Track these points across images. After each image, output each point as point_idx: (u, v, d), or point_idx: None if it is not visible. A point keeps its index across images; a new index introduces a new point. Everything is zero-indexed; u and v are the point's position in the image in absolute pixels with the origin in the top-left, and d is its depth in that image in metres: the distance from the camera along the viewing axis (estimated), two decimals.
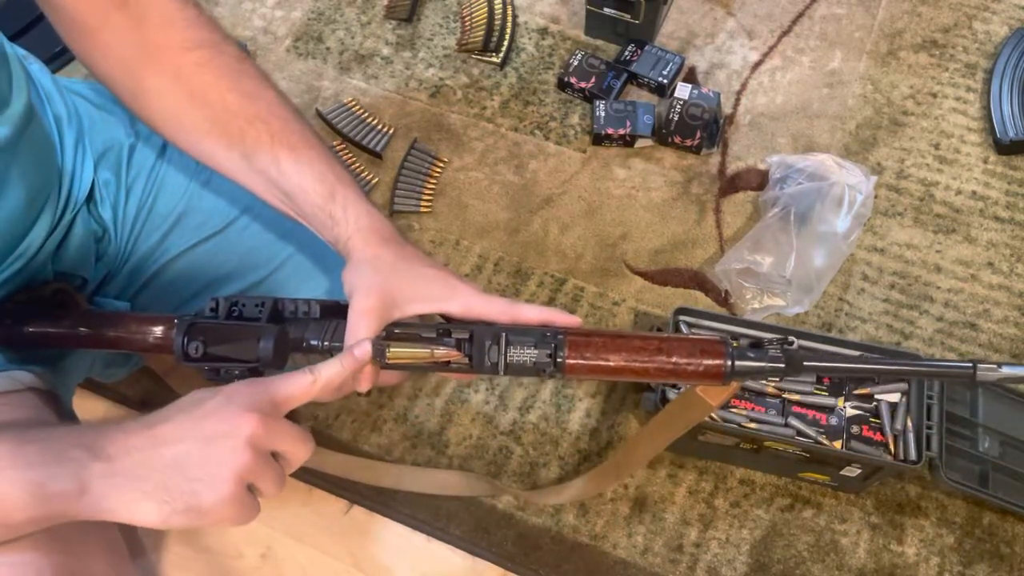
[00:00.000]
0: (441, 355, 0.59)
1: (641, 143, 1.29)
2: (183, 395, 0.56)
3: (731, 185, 1.26)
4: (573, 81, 1.32)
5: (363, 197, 0.65)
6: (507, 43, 1.37)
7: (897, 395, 0.96)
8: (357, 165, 1.27)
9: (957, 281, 1.17)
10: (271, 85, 0.68)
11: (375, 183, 1.26)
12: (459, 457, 1.05)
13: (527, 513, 1.01)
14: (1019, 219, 1.22)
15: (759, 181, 1.25)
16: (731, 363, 0.58)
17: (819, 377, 0.97)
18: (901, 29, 1.40)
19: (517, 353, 0.59)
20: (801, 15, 1.42)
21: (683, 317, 1.00)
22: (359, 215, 0.63)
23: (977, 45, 1.37)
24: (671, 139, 1.27)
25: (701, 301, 1.16)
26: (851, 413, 0.96)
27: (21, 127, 0.62)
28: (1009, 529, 1.01)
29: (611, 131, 1.27)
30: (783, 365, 0.58)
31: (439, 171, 1.26)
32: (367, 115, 1.31)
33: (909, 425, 0.93)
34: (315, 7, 1.43)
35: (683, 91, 1.25)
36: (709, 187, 1.25)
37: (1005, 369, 0.57)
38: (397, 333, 0.60)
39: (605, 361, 0.59)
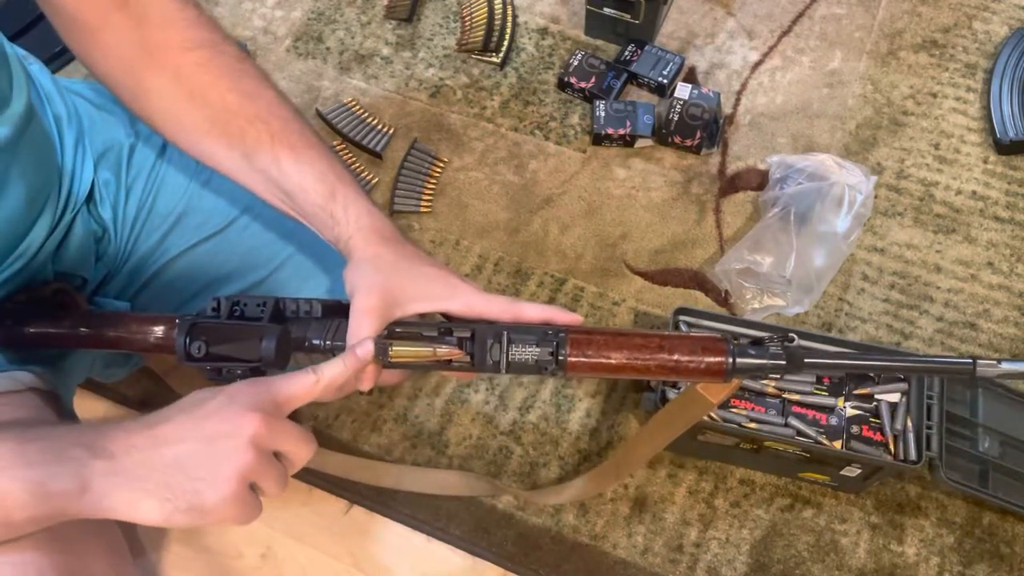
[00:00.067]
0: (443, 353, 0.59)
1: (641, 143, 1.29)
2: (183, 395, 0.56)
3: (731, 185, 1.26)
4: (573, 81, 1.32)
5: (364, 196, 0.65)
6: (507, 43, 1.37)
7: (897, 395, 0.96)
8: (357, 165, 1.27)
9: (957, 281, 1.17)
10: (271, 85, 0.68)
11: (375, 183, 1.26)
12: (459, 457, 1.05)
13: (527, 513, 1.01)
14: (1019, 219, 1.22)
15: (759, 181, 1.25)
16: (732, 360, 0.59)
17: (819, 377, 0.97)
18: (901, 29, 1.40)
19: (519, 351, 0.58)
20: (801, 15, 1.42)
21: (683, 317, 1.00)
22: (360, 214, 0.63)
23: (977, 45, 1.37)
24: (671, 139, 1.27)
25: (701, 301, 1.16)
26: (851, 413, 0.96)
27: (21, 127, 0.62)
28: (1009, 529, 1.01)
29: (611, 131, 1.27)
30: (784, 362, 0.58)
31: (439, 171, 1.26)
32: (367, 115, 1.31)
33: (909, 425, 0.93)
34: (315, 7, 1.43)
35: (683, 91, 1.25)
36: (709, 187, 1.26)
37: (1005, 365, 0.57)
38: (399, 332, 0.60)
39: (607, 359, 0.59)
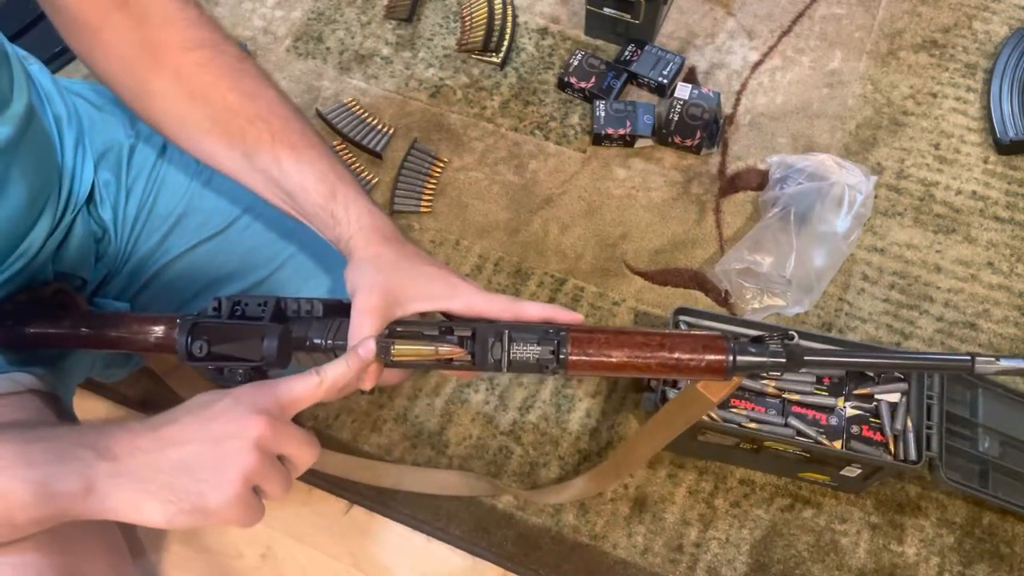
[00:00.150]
0: (445, 352, 0.59)
1: (641, 143, 1.29)
2: (183, 395, 0.56)
3: (731, 185, 1.26)
4: (573, 81, 1.32)
5: (364, 196, 0.65)
6: (507, 43, 1.37)
7: (897, 395, 0.96)
8: (357, 165, 1.27)
9: (957, 281, 1.17)
10: (272, 84, 0.68)
11: (375, 183, 1.26)
12: (459, 457, 1.05)
13: (527, 513, 1.01)
14: (1019, 219, 1.22)
15: (759, 181, 1.25)
16: (733, 358, 0.59)
17: (819, 377, 0.97)
18: (901, 29, 1.40)
19: (520, 350, 0.59)
20: (801, 15, 1.42)
21: (683, 317, 1.00)
22: (360, 214, 0.63)
23: (977, 45, 1.37)
24: (671, 139, 1.27)
25: (701, 301, 1.16)
26: (851, 413, 0.96)
27: (22, 127, 0.62)
28: (1009, 529, 1.01)
29: (611, 131, 1.27)
30: (784, 359, 0.58)
31: (439, 171, 1.26)
32: (367, 115, 1.31)
33: (909, 425, 0.93)
34: (315, 7, 1.43)
35: (683, 91, 1.25)
36: (709, 187, 1.26)
37: (1003, 362, 0.57)
38: (400, 331, 0.60)
39: (608, 357, 0.59)
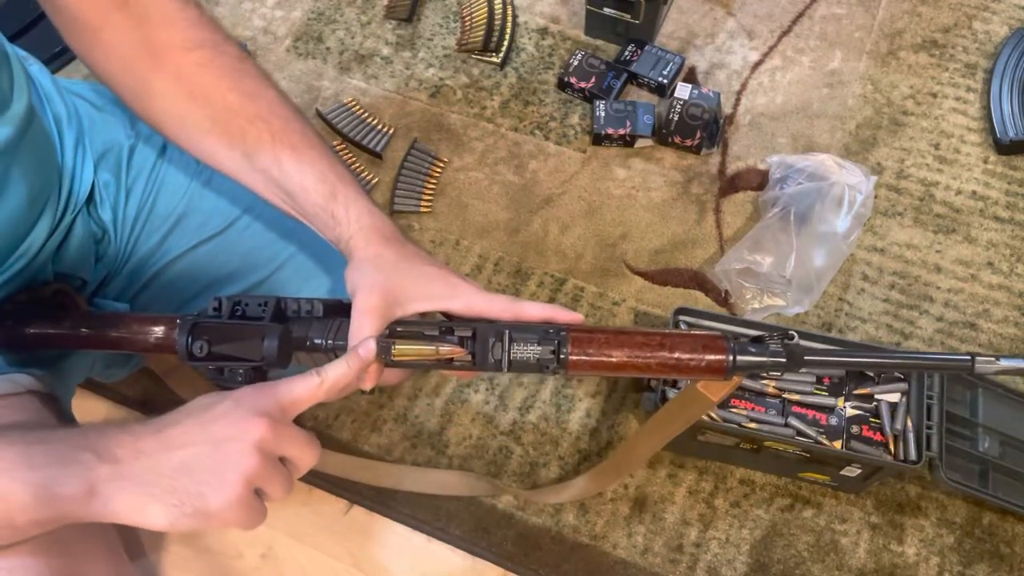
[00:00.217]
0: (445, 352, 0.59)
1: (641, 143, 1.29)
2: (183, 396, 0.56)
3: (731, 185, 1.26)
4: (573, 81, 1.32)
5: (364, 196, 0.65)
6: (507, 43, 1.37)
7: (897, 395, 0.96)
8: (357, 165, 1.27)
9: (957, 281, 1.17)
10: (272, 85, 0.68)
11: (375, 183, 1.26)
12: (459, 457, 1.05)
13: (527, 513, 1.01)
14: (1019, 219, 1.22)
15: (759, 181, 1.25)
16: (733, 357, 0.59)
17: (819, 377, 0.97)
18: (901, 29, 1.40)
19: (520, 350, 0.59)
20: (801, 15, 1.42)
21: (683, 317, 1.00)
22: (360, 214, 0.63)
23: (977, 45, 1.37)
24: (671, 139, 1.27)
25: (701, 301, 1.16)
26: (851, 413, 0.96)
27: (23, 128, 0.62)
28: (1009, 529, 1.01)
29: (611, 131, 1.27)
30: (784, 359, 0.58)
31: (439, 171, 1.26)
32: (367, 115, 1.31)
33: (909, 425, 0.93)
34: (315, 7, 1.43)
35: (683, 91, 1.25)
36: (709, 187, 1.26)
37: (1003, 362, 0.57)
38: (400, 331, 0.60)
39: (608, 357, 0.59)
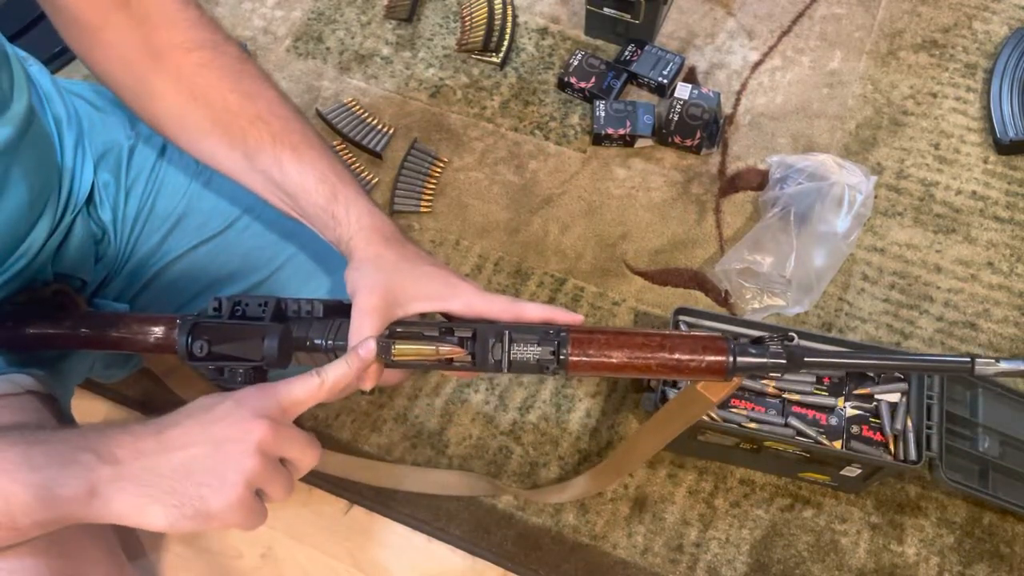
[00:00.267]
0: (445, 352, 0.59)
1: (641, 143, 1.29)
2: (183, 396, 0.56)
3: (731, 185, 1.26)
4: (573, 81, 1.32)
5: (364, 196, 0.65)
6: (507, 43, 1.37)
7: (897, 395, 0.96)
8: (357, 165, 1.27)
9: (957, 281, 1.17)
10: (272, 85, 0.68)
11: (375, 183, 1.26)
12: (459, 457, 1.05)
13: (527, 513, 1.01)
14: (1019, 219, 1.22)
15: (759, 181, 1.25)
16: (733, 359, 0.59)
17: (819, 377, 0.97)
18: (901, 29, 1.40)
19: (520, 350, 0.59)
20: (801, 15, 1.42)
21: (683, 317, 1.00)
22: (361, 214, 0.63)
23: (977, 45, 1.37)
24: (671, 139, 1.27)
25: (701, 301, 1.16)
26: (851, 413, 0.96)
27: (23, 128, 0.62)
28: (1009, 529, 1.01)
29: (611, 131, 1.27)
30: (784, 361, 0.58)
31: (439, 171, 1.26)
32: (367, 115, 1.31)
33: (909, 425, 0.93)
34: (315, 7, 1.43)
35: (683, 91, 1.25)
36: (709, 187, 1.26)
37: (1003, 364, 0.57)
38: (400, 332, 0.60)
39: (608, 358, 0.59)
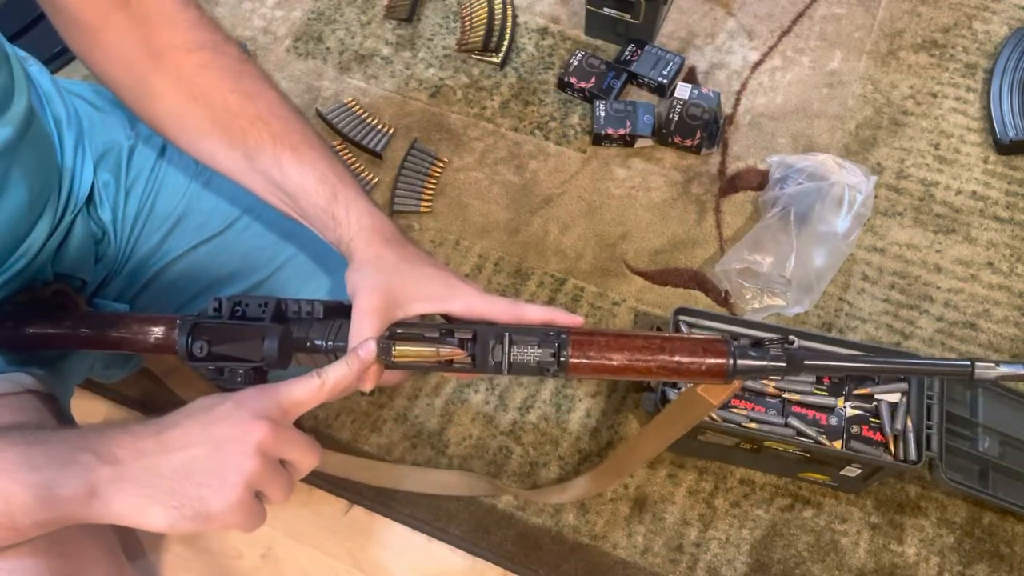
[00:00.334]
0: (446, 354, 0.59)
1: (641, 143, 1.29)
2: (183, 396, 0.56)
3: (731, 185, 1.26)
4: (573, 81, 1.32)
5: (364, 197, 0.65)
6: (507, 43, 1.37)
7: (897, 395, 0.96)
8: (357, 165, 1.27)
9: (957, 281, 1.17)
10: (272, 86, 0.68)
11: (375, 183, 1.26)
12: (459, 457, 1.05)
13: (527, 513, 1.01)
14: (1019, 219, 1.22)
15: (759, 181, 1.25)
16: (733, 362, 0.59)
17: (819, 377, 0.97)
18: (901, 29, 1.40)
19: (520, 352, 0.59)
20: (801, 15, 1.42)
21: (683, 317, 1.00)
22: (361, 215, 0.63)
23: (977, 45, 1.37)
24: (671, 139, 1.27)
25: (701, 301, 1.16)
26: (851, 413, 0.96)
27: (23, 128, 0.62)
28: (1009, 529, 1.01)
29: (611, 131, 1.27)
30: (784, 364, 0.58)
31: (439, 171, 1.26)
32: (367, 115, 1.31)
33: (909, 425, 0.93)
34: (315, 7, 1.43)
35: (683, 91, 1.25)
36: (709, 187, 1.26)
37: (1003, 367, 0.57)
38: (400, 333, 0.60)
39: (608, 360, 0.59)
